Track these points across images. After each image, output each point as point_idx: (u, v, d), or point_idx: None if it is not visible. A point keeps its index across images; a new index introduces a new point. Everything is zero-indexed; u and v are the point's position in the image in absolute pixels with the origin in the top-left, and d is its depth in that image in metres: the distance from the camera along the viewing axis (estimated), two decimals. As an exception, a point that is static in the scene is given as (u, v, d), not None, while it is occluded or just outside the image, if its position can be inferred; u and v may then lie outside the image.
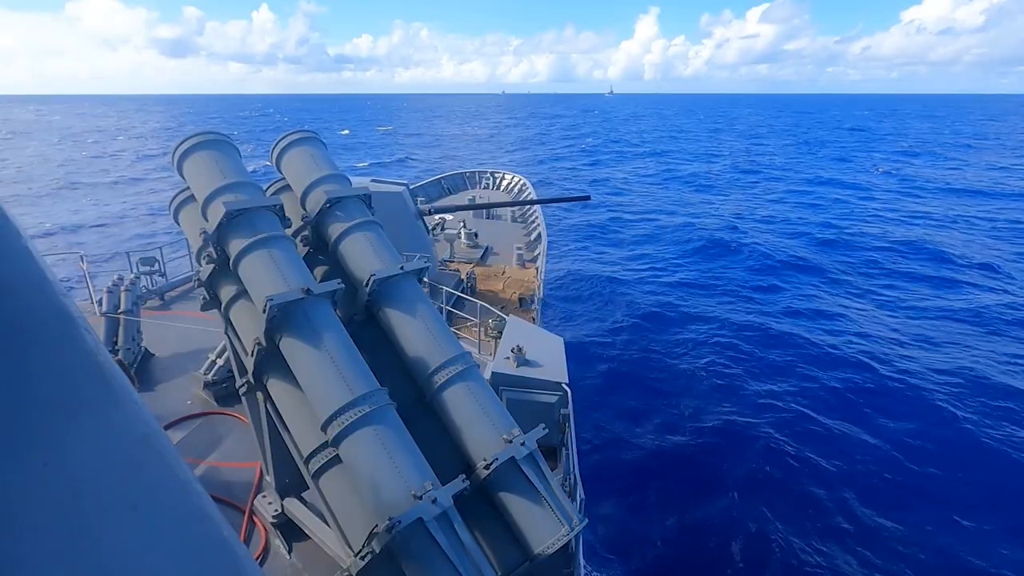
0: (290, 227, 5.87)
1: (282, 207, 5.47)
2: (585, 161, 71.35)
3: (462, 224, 18.83)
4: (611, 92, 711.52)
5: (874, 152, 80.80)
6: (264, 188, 6.21)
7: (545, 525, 4.70)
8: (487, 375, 7.72)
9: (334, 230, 5.77)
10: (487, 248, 18.35)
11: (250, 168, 5.96)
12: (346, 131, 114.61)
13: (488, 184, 27.96)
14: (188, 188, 5.87)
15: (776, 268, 28.93)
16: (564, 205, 39.90)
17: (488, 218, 23.05)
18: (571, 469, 6.86)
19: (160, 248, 13.59)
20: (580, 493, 6.17)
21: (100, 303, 10.22)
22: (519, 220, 23.03)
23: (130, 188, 48.64)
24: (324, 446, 4.81)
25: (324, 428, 4.58)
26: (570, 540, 4.81)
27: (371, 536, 4.19)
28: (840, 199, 47.06)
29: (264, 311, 4.67)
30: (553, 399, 7.90)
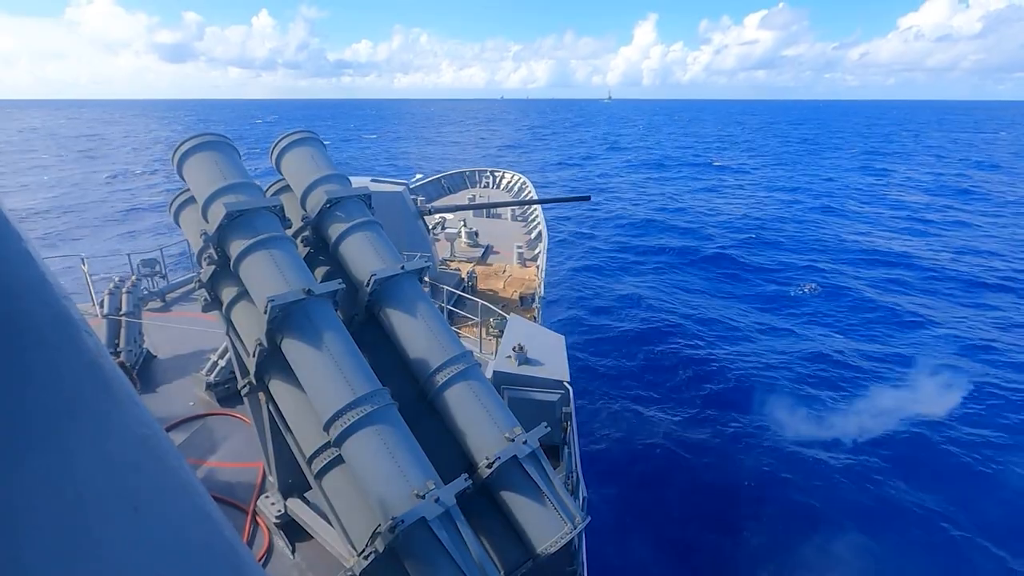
0: (290, 227, 5.87)
1: (282, 208, 5.47)
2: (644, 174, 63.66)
3: (462, 223, 18.83)
4: (610, 98, 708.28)
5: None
6: (264, 189, 6.21)
7: (548, 523, 4.71)
8: (488, 374, 7.71)
9: (334, 230, 5.77)
10: (488, 247, 18.34)
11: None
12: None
13: (488, 183, 27.93)
14: (188, 189, 5.88)
15: (788, 272, 28.40)
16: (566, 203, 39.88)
17: (488, 217, 23.03)
18: (573, 467, 6.86)
19: (161, 250, 13.61)
20: (582, 491, 6.17)
21: (101, 305, 10.23)
22: (520, 219, 23.01)
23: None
24: (326, 446, 4.82)
25: (326, 428, 4.58)
26: (573, 538, 4.82)
27: (374, 535, 4.20)
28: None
29: (265, 312, 4.67)
30: (555, 397, 7.90)
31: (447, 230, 17.86)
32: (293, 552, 6.37)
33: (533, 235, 20.37)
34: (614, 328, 21.77)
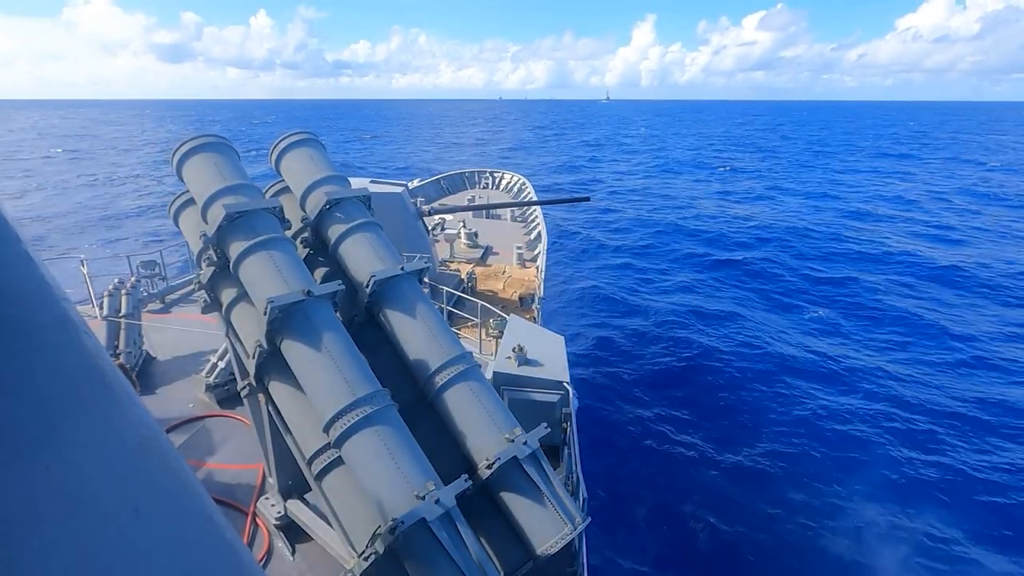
0: (290, 229, 5.87)
1: (281, 209, 5.46)
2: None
3: (462, 224, 18.83)
4: (608, 98, 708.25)
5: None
6: (263, 190, 6.21)
7: (548, 524, 4.71)
8: (488, 375, 7.71)
9: (334, 231, 5.77)
10: (487, 248, 18.34)
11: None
12: None
13: (488, 184, 27.94)
14: (188, 191, 5.88)
15: (791, 276, 27.72)
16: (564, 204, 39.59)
17: (488, 217, 23.04)
18: (573, 468, 6.86)
19: (160, 251, 13.62)
20: (583, 492, 6.17)
21: (101, 307, 10.23)
22: (519, 219, 23.02)
23: None
24: (326, 447, 4.82)
25: (326, 429, 4.58)
26: (573, 539, 4.82)
27: (374, 537, 4.20)
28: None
29: (265, 313, 4.67)
30: (555, 398, 7.90)
31: (447, 231, 17.86)
32: (293, 553, 6.36)
33: (533, 236, 20.37)
34: (614, 328, 21.78)
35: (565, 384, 7.97)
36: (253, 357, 5.12)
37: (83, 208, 42.07)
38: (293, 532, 6.45)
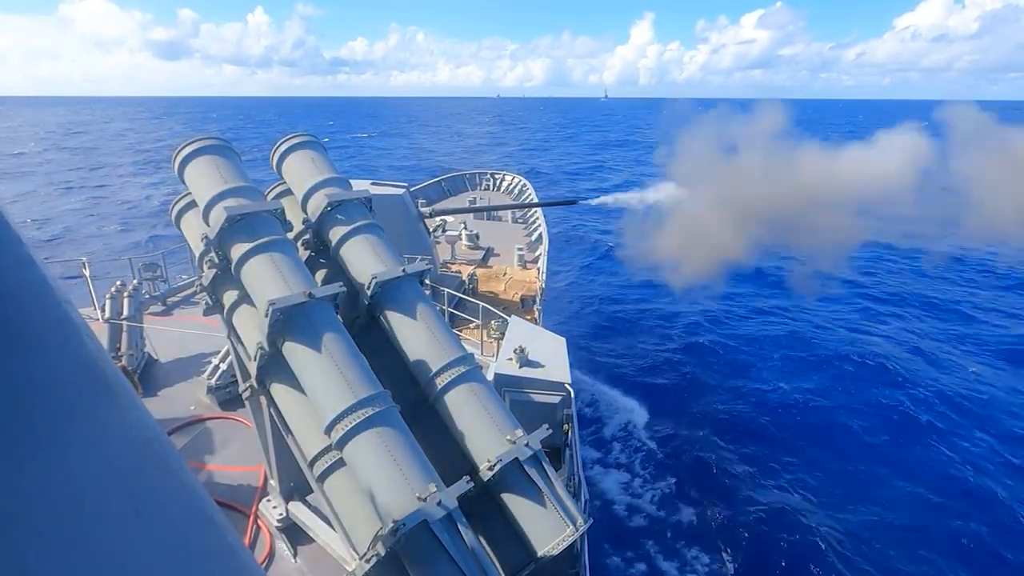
0: (291, 231, 5.87)
1: (283, 211, 5.46)
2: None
3: (463, 225, 18.83)
4: (606, 96, 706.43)
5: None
6: (265, 192, 6.22)
7: (550, 526, 4.70)
8: (490, 376, 7.71)
9: (335, 233, 5.77)
10: (488, 249, 18.35)
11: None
12: None
13: (488, 185, 27.96)
14: (189, 193, 5.89)
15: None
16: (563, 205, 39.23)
17: (489, 219, 23.06)
18: (575, 469, 6.85)
19: (162, 253, 13.64)
20: (584, 493, 6.16)
21: (103, 309, 10.24)
22: (520, 221, 23.03)
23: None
24: (328, 449, 4.82)
25: (328, 431, 4.58)
26: (575, 541, 4.81)
27: (376, 539, 4.20)
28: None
29: (266, 315, 4.67)
30: (556, 399, 7.89)
31: (448, 232, 17.87)
32: (295, 555, 6.36)
33: (534, 237, 20.38)
34: (616, 329, 21.76)
35: (566, 385, 7.96)
36: (255, 359, 5.12)
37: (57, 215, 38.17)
38: (295, 534, 6.45)
